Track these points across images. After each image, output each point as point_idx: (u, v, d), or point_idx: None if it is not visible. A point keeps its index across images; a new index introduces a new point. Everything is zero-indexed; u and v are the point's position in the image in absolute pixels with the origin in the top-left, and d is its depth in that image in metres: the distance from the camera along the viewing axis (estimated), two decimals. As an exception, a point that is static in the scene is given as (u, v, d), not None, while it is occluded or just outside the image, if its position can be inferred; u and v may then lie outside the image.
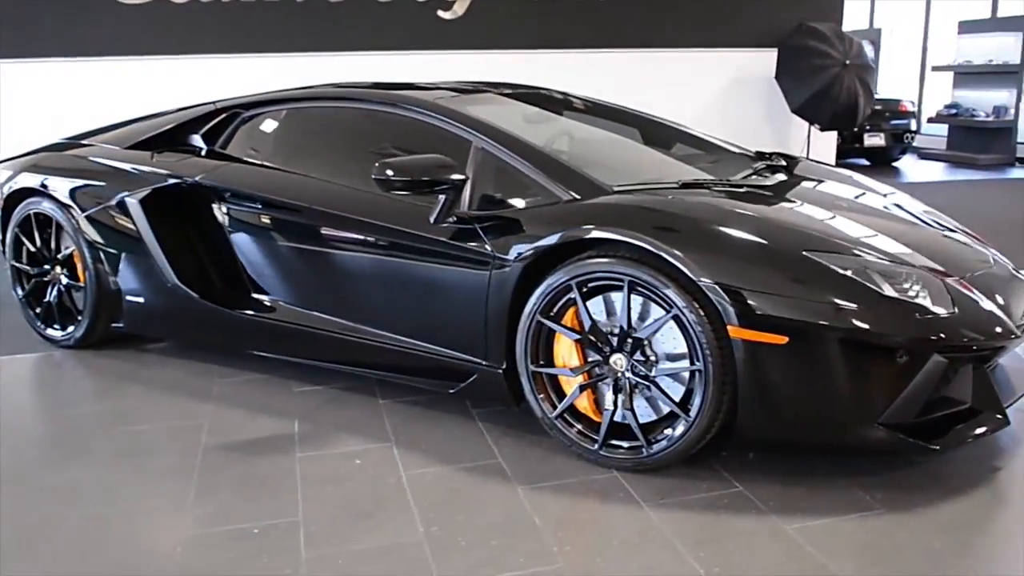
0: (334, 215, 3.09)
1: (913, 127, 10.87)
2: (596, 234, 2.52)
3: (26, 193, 3.93)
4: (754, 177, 3.21)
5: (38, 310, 4.01)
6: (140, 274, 3.60)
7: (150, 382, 3.51)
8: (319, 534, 2.32)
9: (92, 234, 3.69)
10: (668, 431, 2.55)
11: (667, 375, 2.54)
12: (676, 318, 2.45)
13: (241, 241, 3.39)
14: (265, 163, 3.51)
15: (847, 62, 7.89)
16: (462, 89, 3.55)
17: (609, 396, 2.62)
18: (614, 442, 2.63)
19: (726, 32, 8.27)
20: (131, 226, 3.54)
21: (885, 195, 3.35)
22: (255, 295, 3.40)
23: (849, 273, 2.41)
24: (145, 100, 6.80)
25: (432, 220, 2.84)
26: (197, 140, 3.71)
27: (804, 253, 2.46)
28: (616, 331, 2.58)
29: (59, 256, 3.91)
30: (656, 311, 2.53)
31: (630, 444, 2.60)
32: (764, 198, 2.92)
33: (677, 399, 2.53)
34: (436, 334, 2.93)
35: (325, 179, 3.25)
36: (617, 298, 2.59)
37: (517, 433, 2.92)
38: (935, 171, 10.87)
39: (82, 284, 3.86)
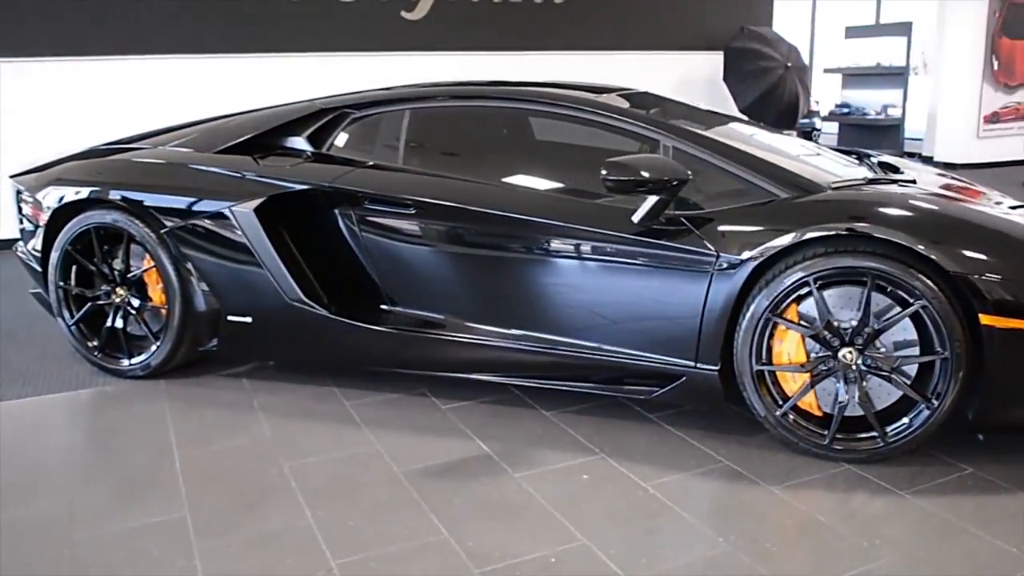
0: (515, 220, 2.92)
1: (818, 125, 11.64)
2: (860, 229, 2.51)
3: (83, 205, 3.47)
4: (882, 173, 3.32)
5: (96, 338, 3.54)
6: (249, 291, 3.26)
7: (271, 409, 3.19)
8: (620, 554, 2.20)
9: (183, 249, 3.31)
10: (904, 419, 2.61)
11: (908, 365, 2.59)
12: (921, 308, 2.51)
13: (381, 251, 3.14)
14: (405, 167, 3.26)
15: (788, 64, 8.34)
16: (594, 88, 3.45)
17: (842, 390, 2.64)
18: (841, 435, 2.66)
19: (674, 35, 8.53)
20: (240, 238, 3.20)
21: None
22: (400, 308, 3.16)
23: None
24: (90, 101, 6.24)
25: (636, 221, 2.76)
26: (299, 143, 3.41)
27: None
28: (849, 325, 2.61)
29: (128, 275, 3.48)
30: (881, 300, 2.57)
31: (865, 435, 2.64)
32: (941, 193, 3.03)
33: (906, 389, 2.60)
34: (637, 339, 2.84)
35: (491, 183, 3.07)
36: (846, 293, 2.62)
37: (714, 434, 2.89)
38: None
39: (157, 305, 3.45)
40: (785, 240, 2.59)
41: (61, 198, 3.50)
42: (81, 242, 3.50)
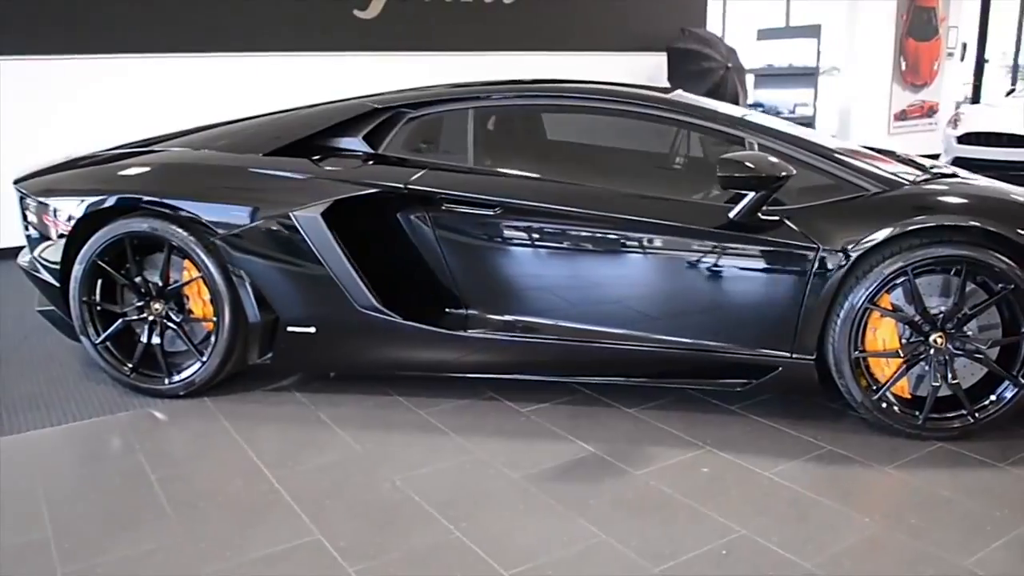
0: (607, 218, 2.91)
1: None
2: (973, 223, 2.64)
3: (112, 213, 3.21)
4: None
5: (127, 356, 3.30)
6: (313, 300, 3.11)
7: (345, 421, 3.05)
8: (784, 542, 2.24)
9: (236, 258, 3.12)
10: (992, 396, 2.77)
11: (994, 347, 2.75)
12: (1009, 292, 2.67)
13: (460, 253, 3.06)
14: (478, 168, 3.19)
15: (729, 65, 8.64)
16: (656, 89, 3.48)
17: (934, 372, 2.77)
18: (932, 415, 2.80)
19: (617, 36, 8.68)
20: (305, 245, 3.04)
21: None
22: (478, 312, 3.09)
23: None
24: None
25: (735, 217, 2.81)
26: (354, 143, 3.27)
27: None
28: (938, 310, 2.75)
29: (168, 288, 3.25)
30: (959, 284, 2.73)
31: (954, 414, 2.79)
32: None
33: (982, 369, 2.77)
34: (731, 332, 2.89)
35: (573, 182, 3.04)
36: (931, 280, 2.76)
37: (800, 421, 2.98)
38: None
39: (200, 318, 3.25)
40: (886, 232, 2.69)
41: (87, 206, 3.23)
42: (110, 253, 3.25)
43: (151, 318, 3.28)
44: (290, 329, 3.15)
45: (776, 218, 2.80)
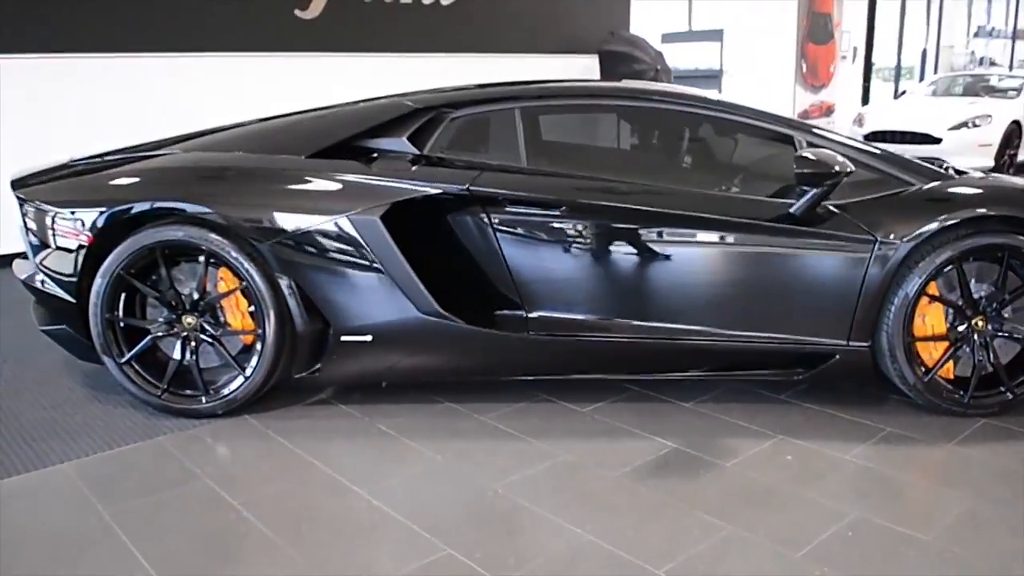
0: (675, 216, 2.95)
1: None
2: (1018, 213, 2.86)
3: (137, 220, 3.00)
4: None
5: (156, 374, 3.09)
6: (371, 307, 3.00)
7: (410, 432, 2.96)
8: (905, 519, 2.35)
9: (284, 265, 2.97)
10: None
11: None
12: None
13: (522, 253, 3.03)
14: (534, 168, 3.16)
15: (658, 67, 8.89)
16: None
17: (976, 353, 2.98)
18: (976, 394, 3.01)
19: (551, 38, 8.78)
20: (363, 249, 2.94)
21: None
22: (538, 312, 3.07)
23: None
24: None
25: (796, 212, 2.92)
26: (399, 144, 3.17)
27: None
28: (982, 295, 2.96)
29: (204, 299, 3.06)
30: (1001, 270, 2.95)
31: (992, 391, 3.01)
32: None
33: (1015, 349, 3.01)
34: (789, 323, 3.00)
35: (634, 181, 3.07)
36: (973, 268, 2.97)
37: (849, 406, 3.13)
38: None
39: (239, 330, 3.09)
40: (937, 223, 2.87)
41: (113, 213, 2.99)
42: (136, 265, 3.03)
43: (184, 333, 3.08)
44: (344, 339, 3.03)
45: (836, 212, 2.94)
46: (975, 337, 2.98)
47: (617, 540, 2.28)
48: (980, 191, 3.03)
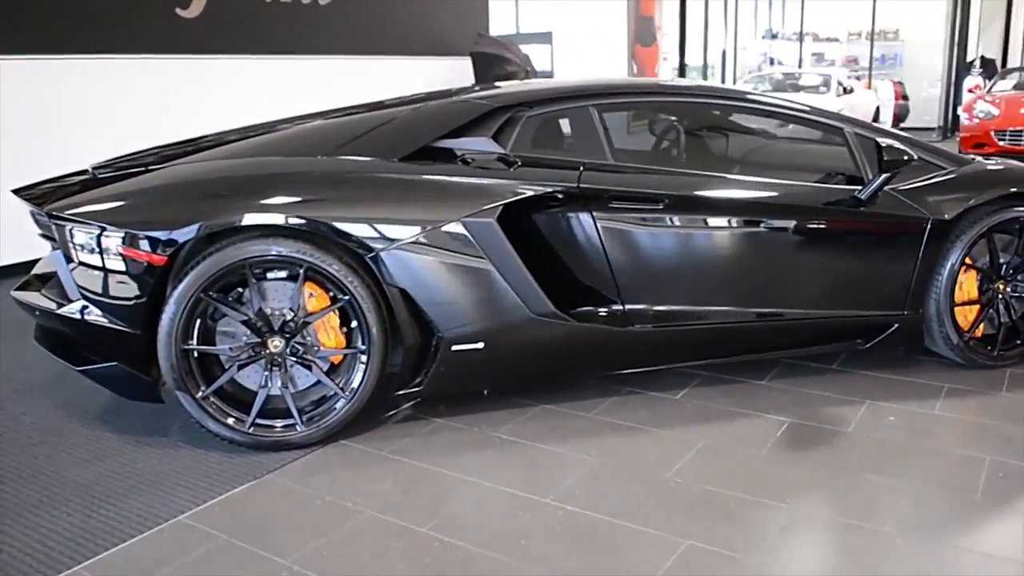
0: (768, 206, 3.11)
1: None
2: None
3: (217, 236, 2.67)
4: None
5: (242, 407, 2.77)
6: (484, 313, 2.87)
7: (532, 437, 2.87)
8: (1026, 461, 2.67)
9: (393, 274, 2.77)
10: (1037, 331, 3.52)
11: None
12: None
13: (626, 249, 3.04)
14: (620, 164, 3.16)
15: (528, 69, 9.07)
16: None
17: (1003, 312, 3.43)
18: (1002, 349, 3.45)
19: (423, 41, 8.70)
20: (477, 253, 2.81)
21: None
22: (641, 306, 3.09)
23: None
24: None
25: (864, 197, 3.19)
26: (484, 144, 3.05)
27: None
28: (1003, 262, 3.41)
29: (297, 320, 2.78)
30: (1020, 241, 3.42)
31: (1011, 344, 3.47)
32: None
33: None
34: (861, 297, 3.27)
35: (720, 174, 3.18)
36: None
37: (890, 370, 3.47)
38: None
39: (333, 349, 2.85)
40: (975, 200, 3.27)
41: (195, 230, 2.63)
42: (214, 286, 2.70)
43: (273, 356, 2.78)
44: (455, 348, 2.88)
45: (893, 195, 3.25)
46: (1000, 298, 3.43)
47: (840, 510, 2.39)
48: (1003, 173, 3.49)
